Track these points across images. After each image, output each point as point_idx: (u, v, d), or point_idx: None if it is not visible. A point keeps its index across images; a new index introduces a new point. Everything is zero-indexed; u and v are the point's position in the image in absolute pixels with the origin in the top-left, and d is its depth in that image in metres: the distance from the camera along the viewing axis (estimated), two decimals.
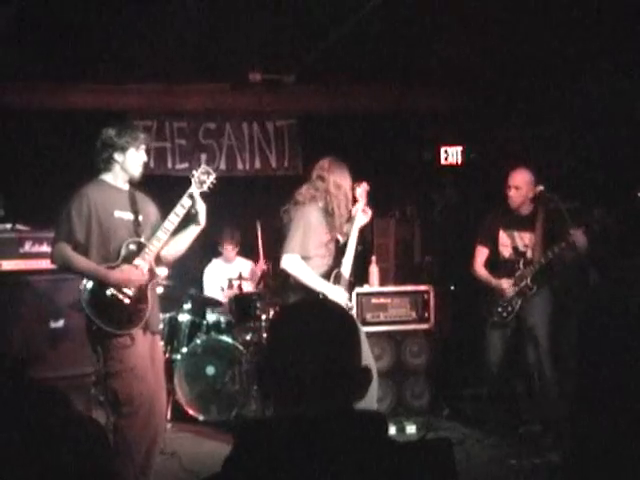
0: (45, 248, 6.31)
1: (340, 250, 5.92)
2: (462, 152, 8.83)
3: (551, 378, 6.31)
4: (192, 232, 5.34)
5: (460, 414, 7.29)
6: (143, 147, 5.24)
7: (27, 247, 6.47)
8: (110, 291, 4.97)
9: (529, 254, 6.52)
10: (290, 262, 5.62)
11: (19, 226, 6.67)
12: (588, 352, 4.13)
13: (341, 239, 5.96)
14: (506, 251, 6.67)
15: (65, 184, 5.38)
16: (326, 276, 5.75)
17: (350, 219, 5.95)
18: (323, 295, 5.59)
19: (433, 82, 8.99)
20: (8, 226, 6.71)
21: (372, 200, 8.32)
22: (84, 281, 4.99)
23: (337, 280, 5.79)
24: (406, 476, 1.88)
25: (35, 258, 6.42)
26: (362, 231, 6.14)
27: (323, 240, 5.76)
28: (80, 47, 7.33)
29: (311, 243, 5.68)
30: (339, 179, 5.83)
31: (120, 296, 4.98)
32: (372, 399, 5.60)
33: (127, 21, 6.74)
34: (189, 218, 5.25)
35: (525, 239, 6.56)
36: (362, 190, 6.03)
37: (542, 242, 6.39)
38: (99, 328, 4.94)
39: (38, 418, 2.16)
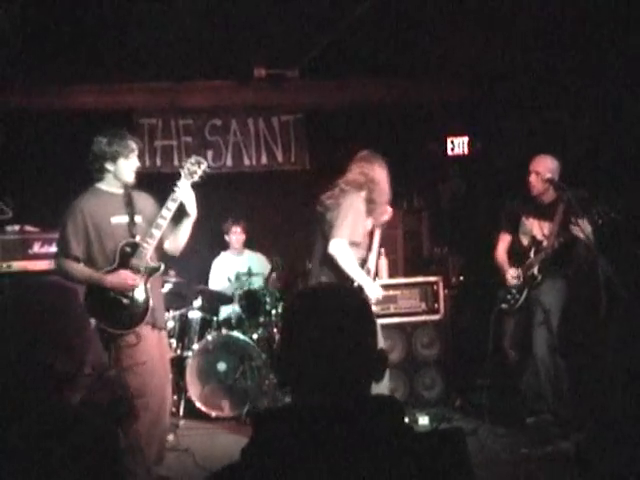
0: (54, 249, 6.34)
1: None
2: (468, 142, 8.82)
3: (560, 367, 6.29)
4: (186, 225, 5.40)
5: (472, 404, 7.28)
6: (134, 154, 5.32)
7: (36, 248, 6.51)
8: (109, 294, 5.10)
9: (545, 243, 6.45)
10: (339, 247, 5.63)
11: (28, 227, 6.70)
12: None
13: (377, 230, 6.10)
14: (525, 239, 6.61)
15: (73, 184, 5.42)
16: (360, 267, 5.82)
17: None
18: (359, 286, 5.63)
19: (438, 73, 8.98)
20: (17, 227, 6.74)
21: None
22: (85, 288, 5.10)
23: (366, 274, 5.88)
24: (421, 465, 1.88)
25: (44, 259, 6.46)
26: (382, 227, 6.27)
27: (365, 229, 5.88)
28: (85, 46, 7.35)
29: (359, 230, 5.76)
30: (380, 169, 5.97)
31: (119, 297, 5.11)
32: (384, 389, 5.62)
33: (131, 20, 6.77)
34: (181, 211, 5.30)
35: (544, 228, 6.45)
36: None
37: (558, 231, 6.32)
38: (105, 329, 5.06)
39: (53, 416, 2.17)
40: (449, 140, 8.81)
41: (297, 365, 1.99)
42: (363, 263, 5.90)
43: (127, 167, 5.28)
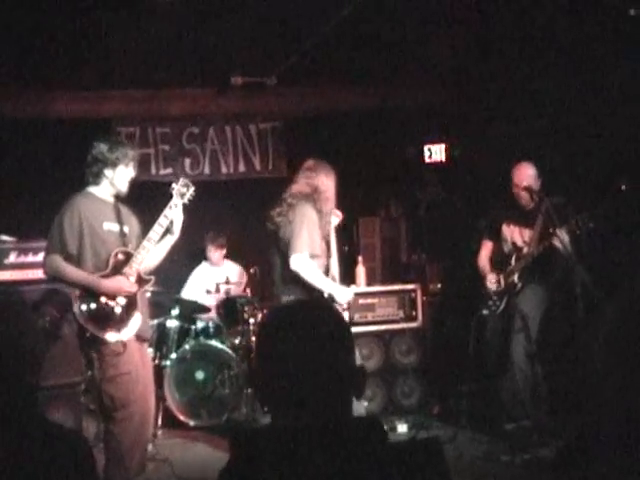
0: (31, 258, 6.31)
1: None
2: (446, 150, 8.83)
3: (539, 374, 6.31)
4: (167, 243, 5.43)
5: (451, 411, 7.29)
6: (133, 164, 5.32)
7: (12, 258, 6.45)
8: (102, 299, 5.04)
9: (525, 250, 6.48)
10: (300, 261, 5.55)
11: (3, 237, 6.64)
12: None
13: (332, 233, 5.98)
14: (506, 246, 6.65)
15: (49, 193, 5.41)
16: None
17: None
18: (330, 295, 5.60)
19: (415, 80, 9.00)
20: None
21: (357, 199, 8.33)
22: (76, 291, 5.04)
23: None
24: (398, 477, 1.87)
25: (21, 269, 6.40)
26: (337, 231, 6.13)
27: (321, 239, 5.77)
28: (62, 54, 7.32)
29: (316, 240, 5.67)
30: (326, 178, 5.86)
31: (111, 304, 5.06)
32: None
33: (108, 27, 6.75)
34: (165, 231, 5.32)
35: (525, 235, 6.50)
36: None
37: (538, 239, 6.35)
38: (92, 335, 4.99)
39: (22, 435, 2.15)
40: (426, 147, 8.81)
41: (274, 385, 1.96)
42: (327, 271, 5.82)
43: (125, 175, 5.28)
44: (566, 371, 6.29)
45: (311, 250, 5.60)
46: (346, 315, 5.79)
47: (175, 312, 7.72)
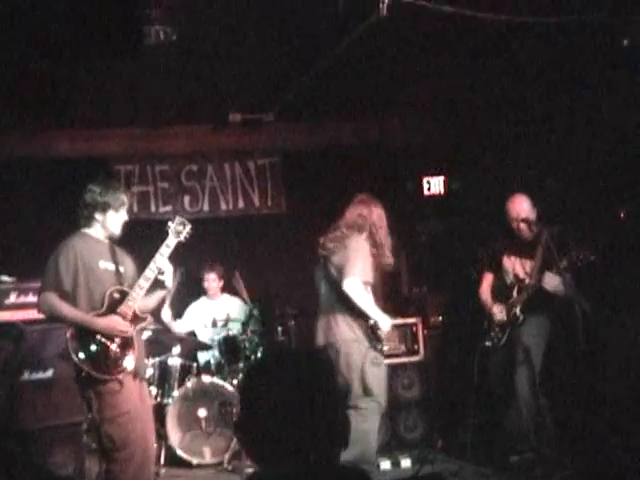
0: (31, 298, 6.30)
1: None
2: (444, 182, 8.85)
3: (543, 406, 6.28)
4: (158, 295, 5.44)
5: (454, 444, 7.25)
6: (124, 208, 5.33)
7: (12, 298, 6.45)
8: (97, 338, 5.00)
9: (527, 281, 6.45)
10: (354, 285, 5.73)
11: (3, 277, 6.65)
12: None
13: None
14: (508, 278, 6.63)
15: (48, 233, 5.40)
16: None
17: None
18: (375, 322, 5.85)
19: (413, 114, 9.05)
20: None
21: None
22: (70, 329, 5.00)
23: None
24: None
25: (21, 309, 6.40)
26: None
27: (372, 271, 5.98)
28: (61, 92, 7.36)
29: (368, 270, 5.88)
30: (379, 213, 6.11)
31: (107, 342, 5.02)
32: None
33: (107, 66, 6.78)
34: (157, 281, 5.28)
35: (526, 266, 6.48)
36: None
37: (539, 270, 6.33)
38: (88, 374, 4.95)
39: None
40: (425, 180, 8.83)
41: (260, 435, 1.96)
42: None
43: (116, 220, 5.28)
44: (570, 402, 6.26)
45: (364, 277, 5.81)
46: (383, 345, 6.00)
47: (176, 350, 7.69)
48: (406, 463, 6.93)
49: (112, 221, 5.27)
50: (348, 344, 5.83)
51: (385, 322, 5.91)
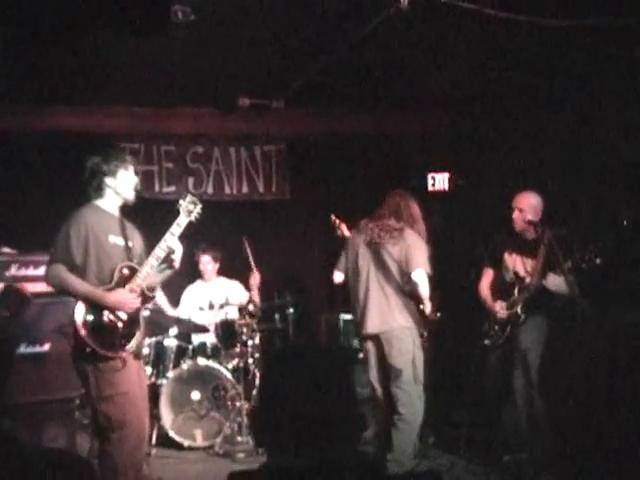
0: (32, 271, 6.28)
1: None
2: (449, 178, 8.83)
3: (539, 407, 6.26)
4: (166, 274, 5.37)
5: (446, 441, 7.23)
6: (132, 168, 5.25)
7: (13, 270, 6.42)
8: (105, 314, 4.93)
9: (528, 280, 6.41)
10: (422, 276, 6.12)
11: (4, 249, 6.62)
12: None
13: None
14: (508, 275, 6.60)
15: (50, 206, 5.35)
16: None
17: None
18: (422, 308, 6.24)
19: (420, 108, 9.03)
20: None
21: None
22: (78, 303, 4.91)
23: None
24: None
25: (21, 281, 6.36)
26: None
27: None
28: (67, 69, 7.32)
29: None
30: (417, 207, 6.49)
31: (114, 319, 4.95)
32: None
33: (116, 44, 6.75)
34: (165, 260, 5.22)
35: (527, 265, 6.44)
36: None
37: (542, 270, 6.31)
38: (93, 351, 4.85)
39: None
40: (430, 176, 8.81)
41: (274, 426, 1.96)
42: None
43: (128, 180, 5.20)
44: (567, 404, 6.24)
45: (427, 269, 6.18)
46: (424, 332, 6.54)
47: (173, 331, 7.67)
48: None
49: (124, 183, 5.18)
50: (403, 330, 6.12)
51: (430, 309, 6.27)
